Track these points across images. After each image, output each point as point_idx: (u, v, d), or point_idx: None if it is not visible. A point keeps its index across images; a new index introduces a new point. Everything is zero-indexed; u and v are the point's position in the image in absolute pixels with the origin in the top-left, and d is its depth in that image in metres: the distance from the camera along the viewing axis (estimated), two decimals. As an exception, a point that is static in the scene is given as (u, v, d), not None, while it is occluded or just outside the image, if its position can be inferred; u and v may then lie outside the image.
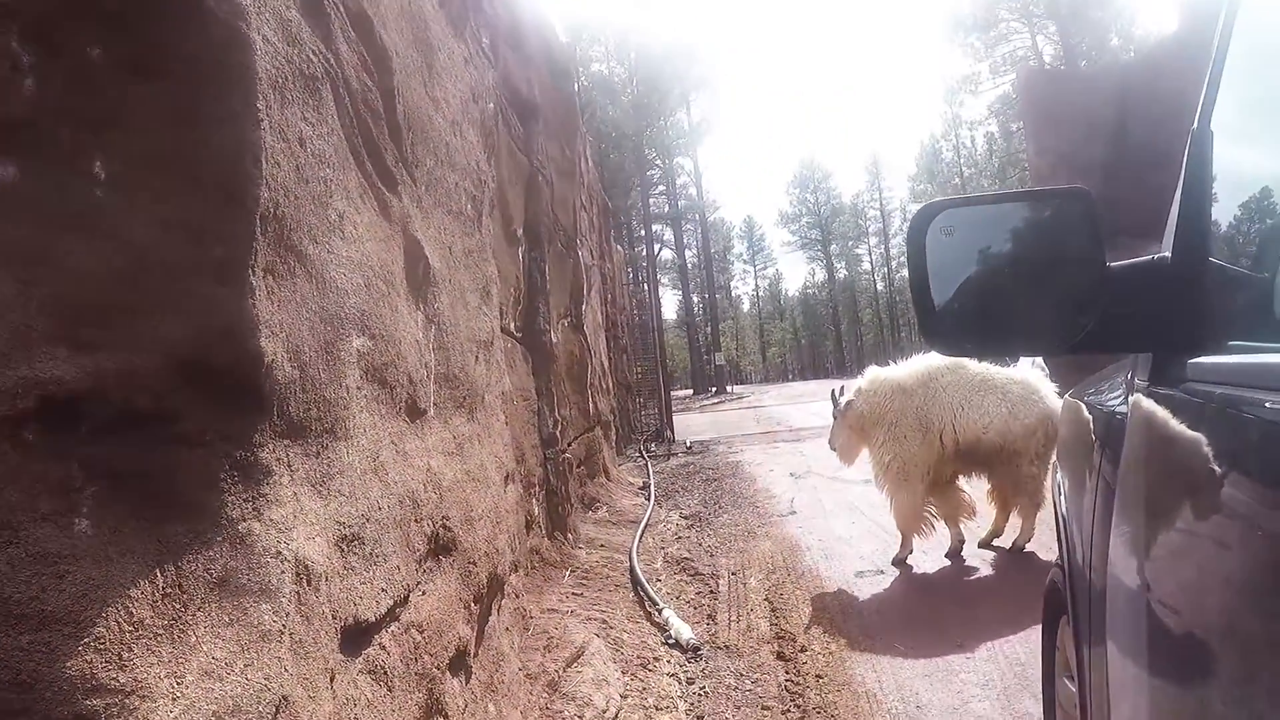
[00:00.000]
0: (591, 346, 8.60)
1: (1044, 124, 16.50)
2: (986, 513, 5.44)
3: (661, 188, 46.66)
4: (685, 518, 7.45)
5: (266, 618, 1.32)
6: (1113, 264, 1.10)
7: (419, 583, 2.08)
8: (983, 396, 5.05)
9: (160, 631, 1.14)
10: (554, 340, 6.10)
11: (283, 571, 1.37)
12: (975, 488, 5.43)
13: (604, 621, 4.13)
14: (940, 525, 5.29)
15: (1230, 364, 0.91)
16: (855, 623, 4.23)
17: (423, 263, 2.37)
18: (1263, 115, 1.05)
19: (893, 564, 5.24)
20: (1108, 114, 13.68)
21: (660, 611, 4.42)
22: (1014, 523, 5.29)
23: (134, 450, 1.20)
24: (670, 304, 55.33)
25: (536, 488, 5.28)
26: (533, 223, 5.84)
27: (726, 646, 4.02)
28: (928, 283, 1.20)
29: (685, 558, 5.91)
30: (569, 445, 6.83)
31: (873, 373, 5.46)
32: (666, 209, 46.80)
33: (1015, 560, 5.10)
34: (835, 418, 5.59)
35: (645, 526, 6.82)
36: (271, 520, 1.38)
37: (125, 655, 1.09)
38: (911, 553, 5.28)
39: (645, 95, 41.13)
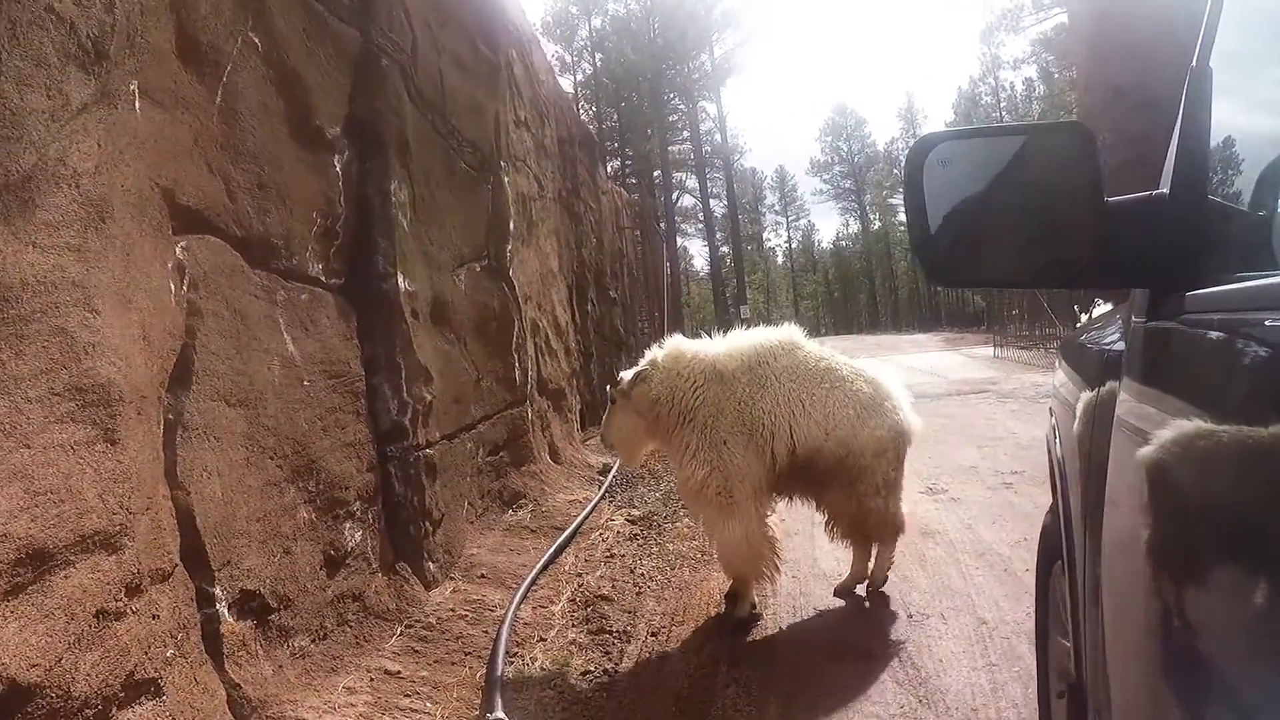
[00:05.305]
0: (527, 297, 6.79)
1: (1097, 56, 15.01)
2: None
3: (685, 133, 44.16)
4: (632, 521, 5.66)
5: None
6: (1110, 199, 1.07)
7: None
8: (828, 392, 3.67)
9: None
10: (414, 290, 4.30)
11: None
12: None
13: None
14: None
15: (1228, 291, 0.86)
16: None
17: None
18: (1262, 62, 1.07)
19: (737, 619, 3.69)
20: (1170, 45, 11.54)
21: (491, 727, 2.70)
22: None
23: None
24: (701, 255, 53.29)
25: (357, 504, 3.57)
26: (370, 121, 4.02)
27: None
28: (924, 212, 1.17)
29: (602, 595, 4.15)
30: (472, 426, 5.09)
31: (676, 344, 3.89)
32: (692, 156, 44.36)
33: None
34: (612, 400, 4.01)
35: (569, 539, 5.07)
36: None
37: None
38: (755, 605, 3.76)
39: (663, 33, 38.47)
